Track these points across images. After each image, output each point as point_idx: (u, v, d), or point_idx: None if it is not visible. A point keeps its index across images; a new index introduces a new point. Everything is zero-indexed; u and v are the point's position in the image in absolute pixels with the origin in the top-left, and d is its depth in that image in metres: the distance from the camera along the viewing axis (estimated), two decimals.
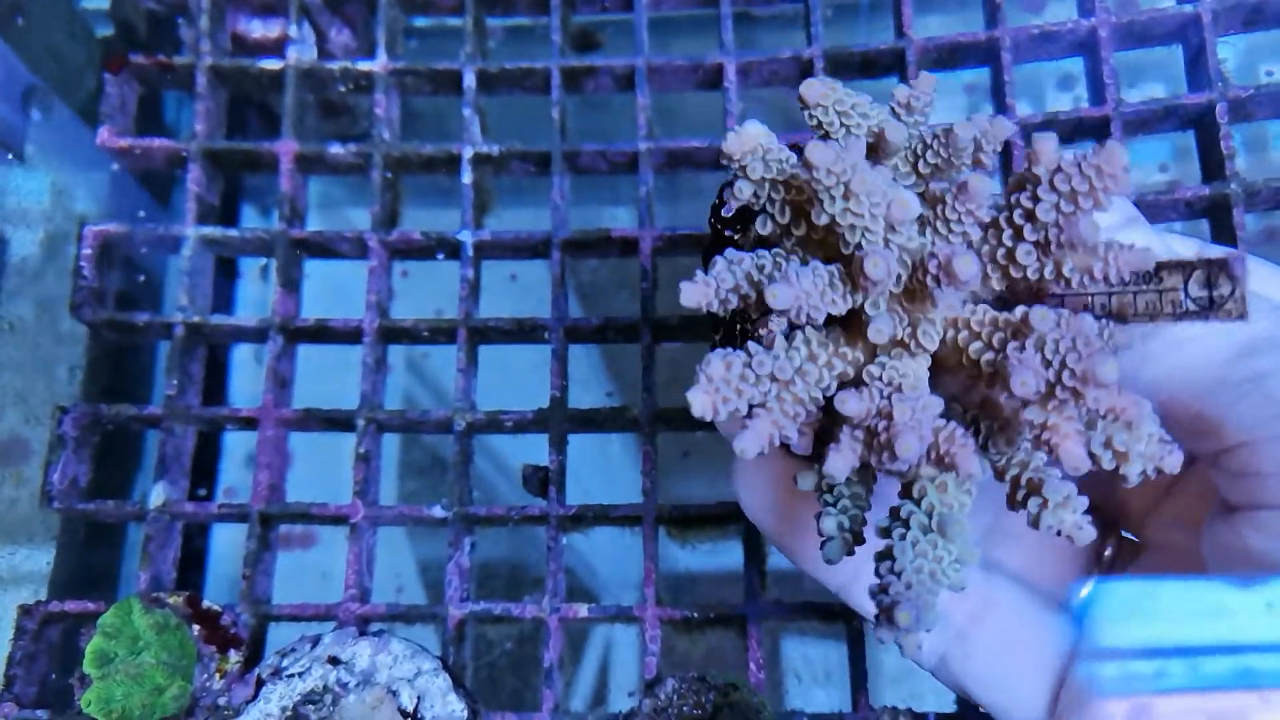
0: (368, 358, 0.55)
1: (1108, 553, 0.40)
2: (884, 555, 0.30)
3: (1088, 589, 0.37)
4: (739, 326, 0.34)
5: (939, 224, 0.31)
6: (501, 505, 0.53)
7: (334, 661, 0.48)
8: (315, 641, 0.48)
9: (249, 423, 0.55)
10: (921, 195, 0.33)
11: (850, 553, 0.32)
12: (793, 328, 0.32)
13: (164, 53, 0.58)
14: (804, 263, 0.31)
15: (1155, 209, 0.54)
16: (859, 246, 0.30)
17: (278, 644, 0.52)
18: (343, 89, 0.60)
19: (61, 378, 0.60)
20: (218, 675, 0.49)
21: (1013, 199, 0.30)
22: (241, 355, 0.69)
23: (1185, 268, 0.29)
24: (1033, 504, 0.29)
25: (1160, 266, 0.30)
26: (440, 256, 0.58)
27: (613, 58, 0.59)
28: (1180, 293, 0.29)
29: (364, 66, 0.59)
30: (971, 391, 0.32)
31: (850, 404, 0.29)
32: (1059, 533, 0.28)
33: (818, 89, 0.33)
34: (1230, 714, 0.31)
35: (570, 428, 0.53)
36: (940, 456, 0.28)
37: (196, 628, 0.49)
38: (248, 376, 0.67)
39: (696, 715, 0.48)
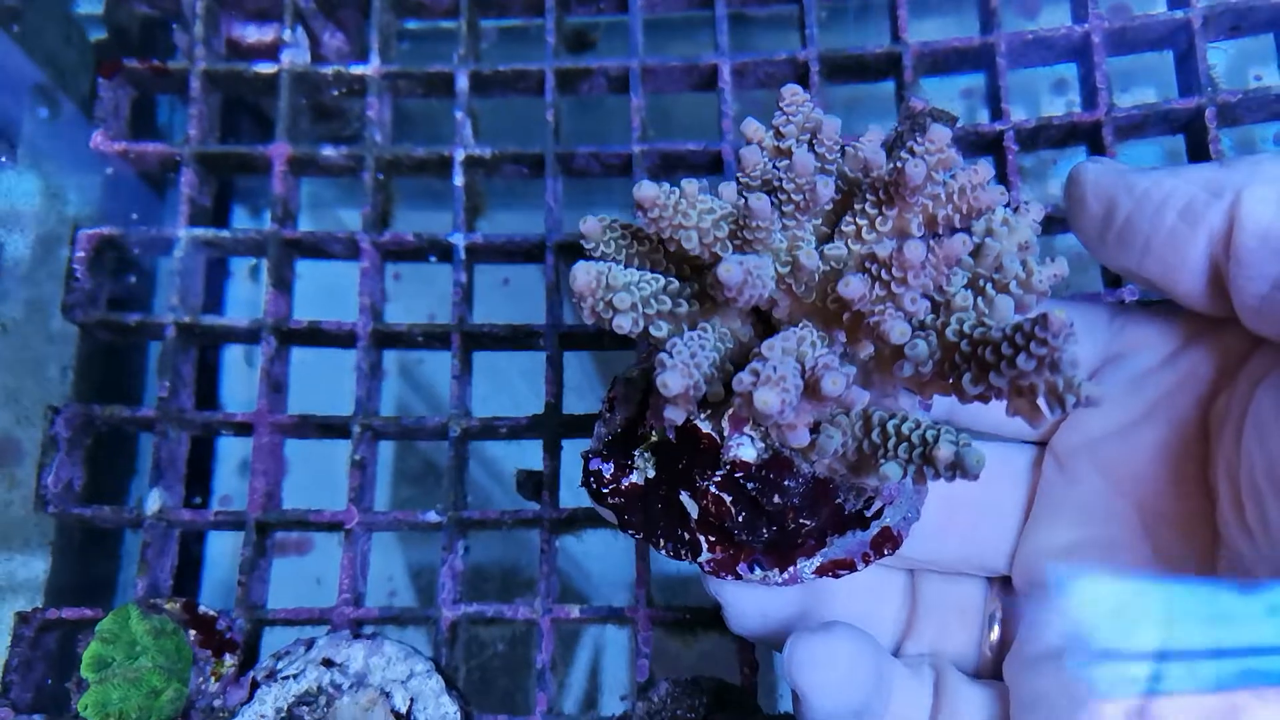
0: (362, 363, 0.55)
1: (996, 617, 0.40)
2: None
3: (1085, 590, 0.37)
4: None
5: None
6: (495, 509, 0.53)
7: (328, 664, 0.48)
8: (310, 644, 0.49)
9: (244, 428, 0.55)
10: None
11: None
12: None
13: (157, 57, 0.58)
14: None
15: None
16: None
17: (273, 648, 0.52)
18: (336, 92, 0.60)
19: (53, 378, 0.60)
20: (213, 678, 0.49)
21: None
22: (233, 357, 0.69)
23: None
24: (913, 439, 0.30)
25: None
26: (432, 259, 0.58)
27: (607, 59, 0.59)
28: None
29: (357, 70, 0.59)
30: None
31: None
32: (956, 467, 0.28)
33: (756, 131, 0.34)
34: (1226, 712, 0.31)
35: (564, 433, 0.53)
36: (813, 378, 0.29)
37: (193, 632, 0.50)
38: (239, 379, 0.67)
39: (690, 719, 0.48)
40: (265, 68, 0.58)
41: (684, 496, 0.34)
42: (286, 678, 0.48)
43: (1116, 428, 0.37)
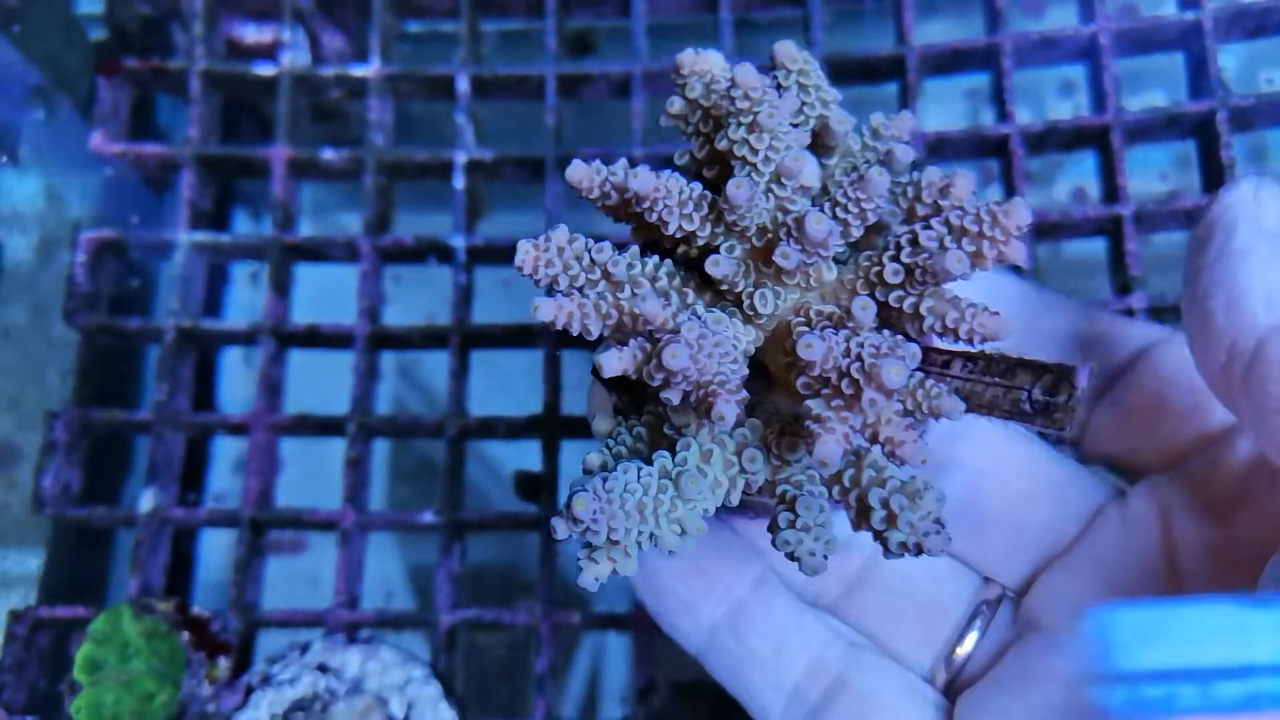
0: (359, 363, 0.55)
1: (976, 624, 0.37)
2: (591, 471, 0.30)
3: (1098, 610, 0.36)
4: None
5: (828, 206, 0.30)
6: (493, 511, 0.52)
7: (323, 669, 0.47)
8: (304, 648, 0.48)
9: (240, 429, 0.54)
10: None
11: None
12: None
13: (158, 57, 0.58)
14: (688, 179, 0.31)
15: (1155, 218, 0.54)
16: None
17: (267, 650, 0.51)
18: (336, 94, 0.60)
19: (53, 382, 0.59)
20: (207, 682, 0.49)
21: (907, 222, 0.31)
22: (231, 359, 0.68)
23: (1037, 370, 0.29)
24: (782, 519, 0.29)
25: (1016, 364, 0.30)
26: (432, 261, 0.57)
27: (609, 64, 0.59)
28: (1024, 393, 0.29)
29: (357, 72, 0.58)
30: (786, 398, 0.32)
31: (649, 304, 0.28)
32: (792, 556, 0.28)
33: (789, 51, 0.33)
34: None
35: (563, 434, 0.53)
36: (705, 399, 0.28)
37: (186, 634, 0.49)
38: (237, 380, 0.67)
39: None
40: (265, 69, 0.58)
41: None
42: (281, 683, 0.47)
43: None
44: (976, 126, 0.56)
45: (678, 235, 0.31)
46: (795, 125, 0.32)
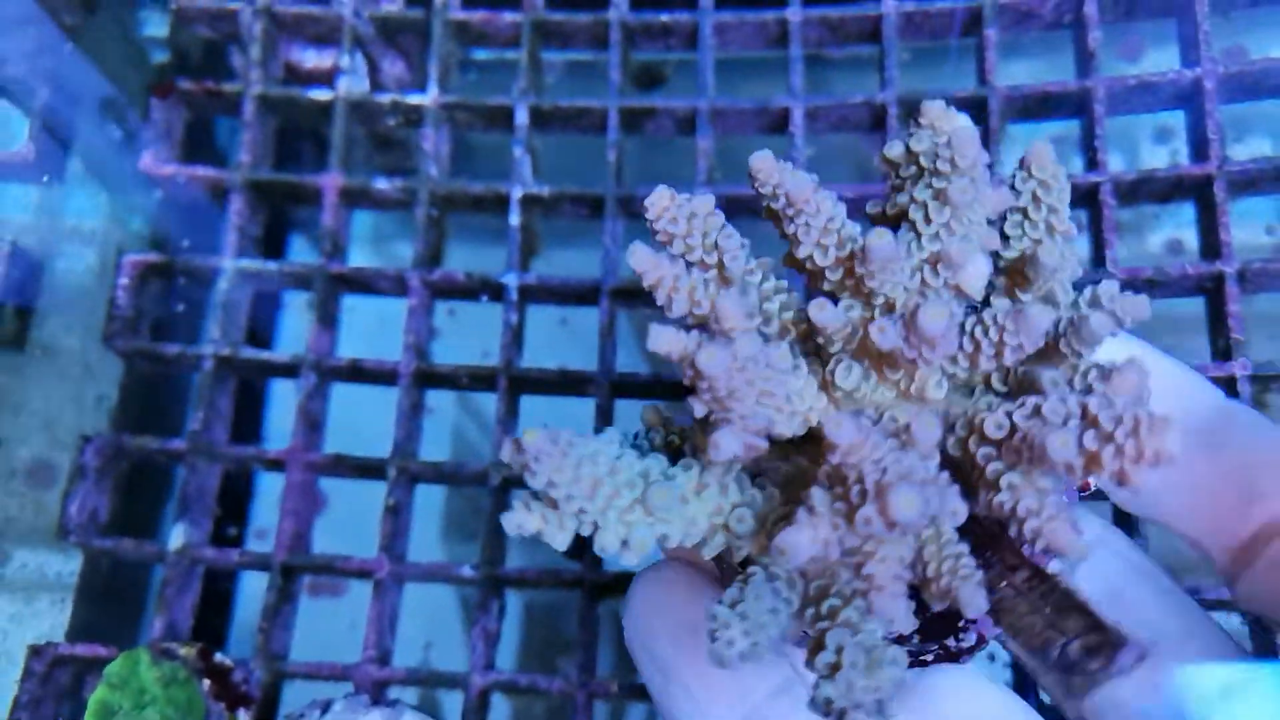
0: (403, 402, 0.52)
1: None
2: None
3: (1194, 671, 0.32)
4: None
5: (971, 321, 0.26)
6: (534, 568, 0.49)
7: None
8: (325, 707, 0.45)
9: (276, 464, 0.52)
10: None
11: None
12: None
13: (215, 81, 0.57)
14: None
15: (1261, 277, 0.50)
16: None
17: (292, 701, 0.49)
18: (392, 122, 0.58)
19: (90, 406, 0.58)
20: None
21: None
22: (283, 390, 0.67)
23: (1088, 625, 0.24)
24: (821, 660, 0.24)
25: (1074, 606, 0.25)
26: (484, 299, 0.55)
27: (674, 99, 0.56)
28: (1061, 641, 0.25)
29: (414, 99, 0.57)
30: None
31: (729, 301, 0.25)
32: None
33: (1044, 157, 0.28)
34: None
35: None
36: (717, 422, 0.24)
37: (207, 682, 0.47)
38: (286, 413, 0.65)
39: None
40: (320, 94, 0.57)
41: None
42: None
43: None
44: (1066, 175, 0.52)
45: (807, 265, 0.27)
46: (993, 225, 0.28)
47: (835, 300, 0.27)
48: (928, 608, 0.25)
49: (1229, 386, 0.48)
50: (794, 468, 0.28)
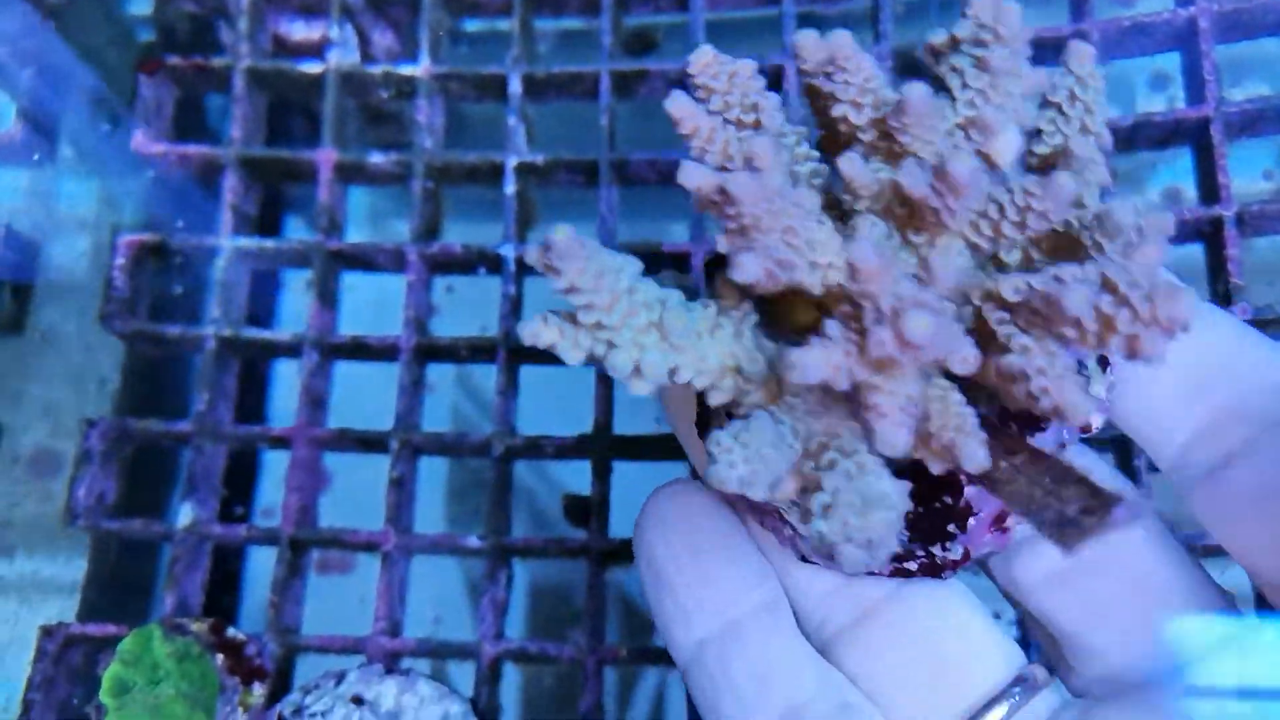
0: (404, 377, 0.52)
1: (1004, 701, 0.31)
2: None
3: (1185, 623, 0.32)
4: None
5: (999, 183, 0.25)
6: (540, 537, 0.49)
7: (358, 701, 0.45)
8: (340, 678, 0.46)
9: (281, 442, 0.52)
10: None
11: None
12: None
13: (204, 56, 0.56)
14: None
15: (1260, 221, 0.49)
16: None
17: (306, 674, 0.49)
18: (384, 94, 0.57)
19: (93, 390, 0.58)
20: (240, 710, 0.47)
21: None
22: (286, 369, 0.67)
23: (1088, 492, 0.24)
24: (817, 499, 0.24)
25: (1075, 478, 0.25)
26: (482, 271, 0.55)
27: (666, 61, 0.56)
28: (1059, 506, 0.25)
29: (405, 70, 0.56)
30: None
31: (760, 142, 0.24)
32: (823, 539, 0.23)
33: (1084, 57, 0.28)
34: None
35: (614, 455, 0.50)
36: (746, 233, 0.24)
37: (220, 657, 0.47)
38: (291, 392, 0.65)
39: None
40: (311, 66, 0.56)
41: None
42: (314, 715, 0.45)
43: None
44: None
45: (841, 127, 0.27)
46: (1029, 102, 0.28)
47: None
48: (922, 480, 0.26)
49: None
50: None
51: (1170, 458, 0.30)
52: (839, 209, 0.28)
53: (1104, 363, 0.29)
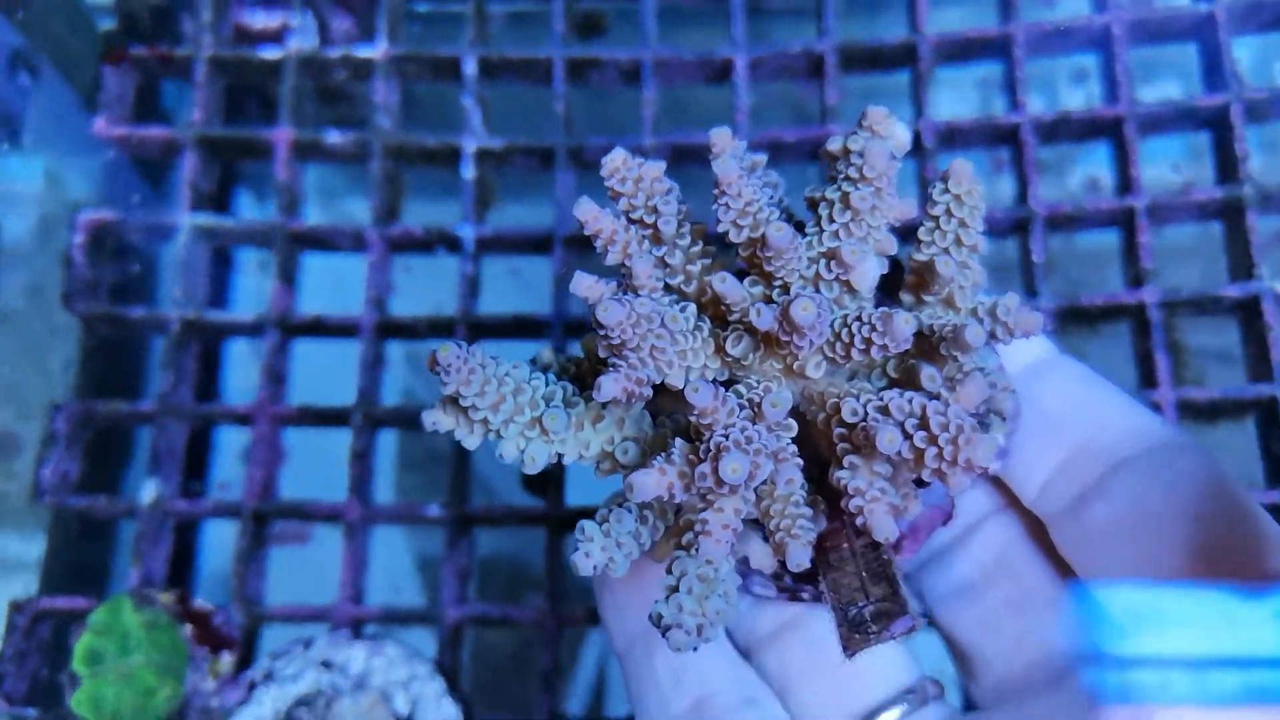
0: (365, 354, 0.54)
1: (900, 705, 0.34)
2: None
3: (1093, 592, 0.35)
4: None
5: (850, 316, 0.28)
6: (500, 505, 0.52)
7: (327, 665, 0.47)
8: (308, 644, 0.48)
9: (244, 419, 0.54)
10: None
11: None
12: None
13: (165, 44, 0.57)
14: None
15: (1168, 211, 0.53)
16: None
17: (271, 645, 0.51)
18: (342, 76, 0.59)
19: (55, 370, 0.58)
20: (210, 677, 0.48)
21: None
22: (237, 348, 0.67)
23: (890, 594, 0.29)
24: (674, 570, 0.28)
25: (887, 577, 0.29)
26: (440, 251, 0.57)
27: (618, 50, 0.58)
28: (864, 604, 0.29)
29: (363, 53, 0.58)
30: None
31: (641, 262, 0.28)
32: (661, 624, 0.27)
33: (964, 175, 0.30)
34: None
35: None
36: (615, 353, 0.27)
37: (188, 627, 0.48)
38: (242, 370, 0.66)
39: None
40: (271, 53, 0.57)
41: None
42: (285, 679, 0.47)
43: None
44: (988, 116, 0.55)
45: (726, 240, 0.30)
46: (895, 231, 0.30)
47: (747, 274, 0.30)
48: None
49: (1140, 313, 0.52)
50: (687, 419, 0.31)
51: (1032, 495, 0.33)
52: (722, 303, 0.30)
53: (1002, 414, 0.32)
